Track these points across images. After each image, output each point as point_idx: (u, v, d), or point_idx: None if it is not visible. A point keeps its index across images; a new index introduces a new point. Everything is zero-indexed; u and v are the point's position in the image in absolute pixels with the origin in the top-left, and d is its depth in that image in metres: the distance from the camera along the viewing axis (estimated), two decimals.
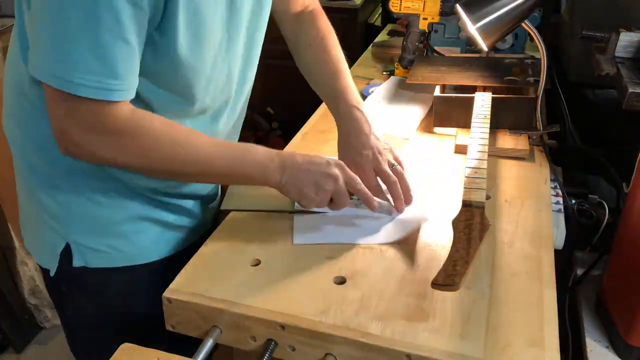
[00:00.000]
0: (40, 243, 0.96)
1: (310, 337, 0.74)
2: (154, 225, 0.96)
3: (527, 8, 1.07)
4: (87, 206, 0.90)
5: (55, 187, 0.90)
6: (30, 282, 1.94)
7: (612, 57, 1.07)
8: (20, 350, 1.96)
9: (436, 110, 1.26)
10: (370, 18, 2.78)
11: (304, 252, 0.88)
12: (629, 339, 0.96)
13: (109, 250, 0.92)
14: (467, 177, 0.97)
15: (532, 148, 1.20)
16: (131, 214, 0.93)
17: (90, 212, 0.90)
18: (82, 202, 0.90)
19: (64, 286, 0.96)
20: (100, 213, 0.91)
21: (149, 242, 0.96)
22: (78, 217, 0.91)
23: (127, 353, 0.71)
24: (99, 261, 0.92)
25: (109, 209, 0.91)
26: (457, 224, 0.89)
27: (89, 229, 0.91)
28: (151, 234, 0.96)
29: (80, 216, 0.91)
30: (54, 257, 0.92)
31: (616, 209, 1.20)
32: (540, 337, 0.73)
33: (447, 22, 1.51)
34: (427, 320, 0.75)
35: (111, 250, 0.93)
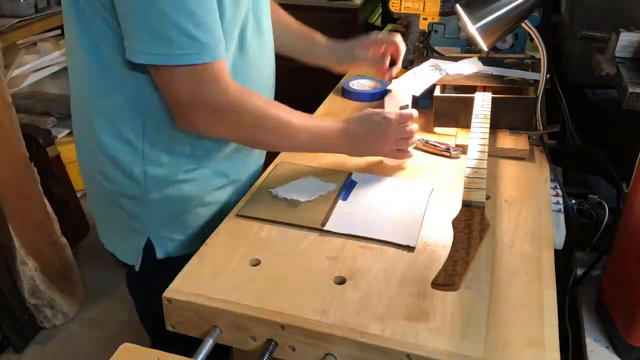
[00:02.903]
0: (123, 242, 1.03)
1: (310, 337, 0.74)
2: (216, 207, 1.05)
3: (527, 8, 1.07)
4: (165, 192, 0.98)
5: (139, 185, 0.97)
6: (30, 282, 1.93)
7: (612, 57, 1.07)
8: (20, 350, 1.96)
9: (436, 110, 1.26)
10: (370, 18, 2.78)
11: (304, 252, 0.89)
12: (629, 339, 0.96)
13: (184, 238, 1.02)
14: (467, 177, 0.97)
15: (532, 148, 1.20)
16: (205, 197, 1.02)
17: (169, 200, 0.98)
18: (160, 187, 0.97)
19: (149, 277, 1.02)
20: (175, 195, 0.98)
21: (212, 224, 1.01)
22: (157, 209, 0.98)
23: (127, 353, 0.71)
24: (179, 249, 1.02)
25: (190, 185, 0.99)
26: (457, 224, 0.88)
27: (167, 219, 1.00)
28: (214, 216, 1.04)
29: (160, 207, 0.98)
30: (138, 253, 1.01)
31: (616, 209, 1.20)
32: (540, 337, 0.73)
33: (447, 22, 1.50)
34: (427, 320, 0.75)
35: (186, 238, 1.02)
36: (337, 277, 0.83)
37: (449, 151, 1.18)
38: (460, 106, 1.24)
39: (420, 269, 0.85)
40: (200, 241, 0.95)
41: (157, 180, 0.97)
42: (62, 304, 2.04)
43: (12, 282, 1.91)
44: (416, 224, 0.95)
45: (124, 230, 1.02)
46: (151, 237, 1.01)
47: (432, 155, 1.19)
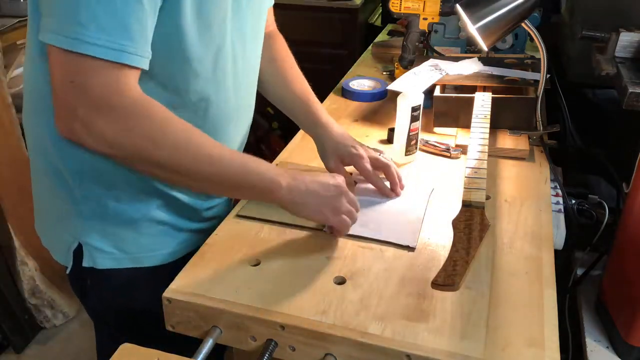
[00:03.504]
0: (56, 241, 0.98)
1: (310, 337, 0.74)
2: (164, 228, 0.96)
3: (527, 8, 1.07)
4: (104, 203, 0.90)
5: (72, 185, 0.89)
6: (30, 282, 1.93)
7: (612, 57, 1.07)
8: (20, 350, 1.96)
9: (436, 110, 1.26)
10: (370, 18, 2.78)
11: (304, 252, 0.88)
12: (629, 339, 0.96)
13: (115, 252, 0.93)
14: (467, 177, 0.97)
15: (532, 148, 1.20)
16: (145, 213, 0.93)
17: (104, 210, 0.90)
18: (100, 198, 0.90)
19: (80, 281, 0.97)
20: (114, 210, 0.90)
21: (156, 244, 0.96)
22: (92, 216, 0.91)
23: (127, 353, 0.71)
24: (105, 262, 0.93)
25: (125, 206, 0.91)
26: (457, 224, 0.89)
27: (100, 228, 0.91)
28: (160, 237, 0.96)
29: (94, 215, 0.91)
30: (69, 255, 0.94)
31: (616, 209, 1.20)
32: (540, 337, 0.73)
33: (447, 22, 1.51)
34: (427, 320, 0.75)
35: (117, 252, 0.93)
36: (337, 277, 0.83)
37: (449, 151, 1.18)
38: (460, 106, 1.24)
39: (420, 269, 0.85)
40: (136, 260, 0.94)
41: (93, 183, 0.88)
42: (62, 304, 2.04)
43: (12, 282, 1.91)
44: (416, 224, 0.95)
45: (57, 228, 0.95)
46: (82, 242, 0.92)
47: (432, 155, 1.19)
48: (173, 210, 0.95)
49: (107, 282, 0.95)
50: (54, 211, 0.94)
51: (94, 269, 0.93)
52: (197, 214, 0.99)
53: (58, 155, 0.87)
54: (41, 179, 0.94)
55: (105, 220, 0.91)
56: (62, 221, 0.93)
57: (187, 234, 0.99)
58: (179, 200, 0.95)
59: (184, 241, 0.98)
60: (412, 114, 1.11)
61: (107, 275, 0.93)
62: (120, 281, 0.95)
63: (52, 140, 0.86)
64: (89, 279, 0.95)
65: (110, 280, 0.95)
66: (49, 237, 0.99)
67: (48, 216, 0.97)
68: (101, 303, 0.99)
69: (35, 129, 0.90)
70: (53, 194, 0.92)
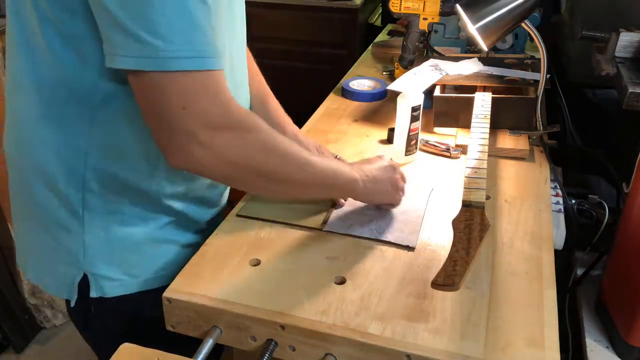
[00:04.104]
0: (53, 276, 0.92)
1: (310, 337, 0.74)
2: (169, 246, 0.93)
3: (527, 8, 1.07)
4: (109, 228, 0.86)
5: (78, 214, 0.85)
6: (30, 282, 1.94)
7: (612, 57, 1.07)
8: (20, 350, 1.96)
9: (436, 110, 1.26)
10: (370, 18, 2.78)
11: (304, 252, 0.89)
12: (629, 339, 0.96)
13: (124, 277, 0.89)
14: (467, 177, 0.97)
15: (532, 148, 1.20)
16: (150, 233, 0.89)
17: (109, 235, 0.87)
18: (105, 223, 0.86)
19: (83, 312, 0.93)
20: (119, 234, 0.87)
21: (163, 263, 0.93)
22: (97, 244, 0.87)
23: (127, 353, 0.71)
24: (115, 290, 0.89)
25: (130, 228, 0.87)
26: (457, 224, 0.89)
27: (106, 255, 0.87)
28: (166, 256, 0.93)
29: (99, 242, 0.87)
30: (73, 288, 0.89)
31: (616, 209, 1.20)
32: (540, 337, 0.73)
33: (447, 22, 1.51)
34: (427, 320, 0.75)
35: (126, 277, 0.90)
36: (337, 277, 0.83)
37: (449, 151, 1.18)
38: (460, 106, 1.24)
39: (420, 269, 0.85)
40: (144, 283, 0.90)
41: (96, 211, 0.85)
42: (62, 304, 2.04)
43: (12, 282, 1.91)
44: (416, 224, 0.95)
45: (54, 262, 0.89)
46: (87, 272, 0.88)
47: (432, 155, 1.19)
48: (177, 225, 0.93)
49: (115, 308, 0.91)
50: (50, 245, 0.88)
51: (102, 298, 0.89)
52: (199, 225, 0.97)
53: (64, 185, 0.83)
54: (35, 211, 0.88)
55: (111, 246, 0.87)
56: (62, 254, 0.88)
57: (188, 249, 0.95)
58: (183, 213, 0.93)
59: (187, 256, 0.94)
60: (412, 114, 1.11)
61: (115, 302, 0.90)
62: (128, 306, 0.91)
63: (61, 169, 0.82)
64: (94, 307, 0.91)
65: (118, 307, 0.91)
66: (42, 274, 0.94)
67: (41, 252, 0.92)
68: (108, 330, 0.95)
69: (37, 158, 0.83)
70: (51, 226, 0.87)
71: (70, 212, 0.85)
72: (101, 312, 0.91)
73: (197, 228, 0.98)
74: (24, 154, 0.86)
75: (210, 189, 0.96)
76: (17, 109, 0.85)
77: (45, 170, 0.83)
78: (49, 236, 0.88)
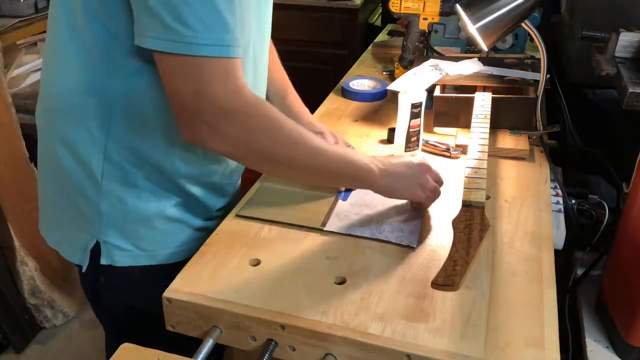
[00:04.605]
0: (69, 241, 0.97)
1: (310, 337, 0.74)
2: (178, 225, 0.96)
3: (527, 8, 1.07)
4: (124, 200, 0.91)
5: (97, 183, 0.89)
6: (30, 282, 1.94)
7: (612, 57, 1.07)
8: (20, 350, 1.96)
9: (436, 110, 1.26)
10: (370, 18, 2.78)
11: (304, 252, 0.88)
12: (629, 339, 0.96)
13: (133, 249, 0.94)
14: (467, 177, 0.97)
15: (532, 148, 1.20)
16: (162, 210, 0.93)
17: (124, 206, 0.91)
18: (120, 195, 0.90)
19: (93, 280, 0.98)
20: (133, 207, 0.91)
21: (170, 241, 0.96)
22: (111, 214, 0.91)
23: (127, 353, 0.71)
24: (124, 259, 0.94)
25: (144, 202, 0.91)
26: (457, 224, 0.89)
27: (119, 226, 0.92)
28: (174, 234, 0.96)
29: (114, 212, 0.91)
30: (86, 254, 0.94)
31: (616, 209, 1.20)
32: (540, 337, 0.73)
33: (447, 22, 1.51)
34: (427, 320, 0.75)
35: (135, 249, 0.94)
36: (337, 277, 0.83)
37: (449, 151, 1.18)
38: (460, 106, 1.24)
39: (420, 269, 0.85)
40: (152, 257, 0.94)
41: (114, 181, 0.90)
42: (62, 304, 2.04)
43: (12, 282, 1.91)
44: (416, 224, 0.95)
45: (71, 228, 0.95)
46: (100, 240, 0.93)
47: (432, 155, 1.19)
48: (187, 207, 0.96)
49: (122, 279, 0.95)
50: (69, 211, 0.94)
51: (111, 266, 0.93)
52: (209, 212, 1.01)
53: (87, 153, 0.88)
54: (58, 177, 0.93)
55: (124, 217, 0.92)
56: (79, 220, 0.93)
57: (198, 232, 0.99)
58: (195, 197, 0.96)
59: (195, 239, 0.98)
60: (412, 111, 1.11)
61: (122, 273, 0.94)
62: (134, 278, 0.95)
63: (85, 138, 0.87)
64: (103, 276, 0.95)
65: (124, 278, 0.95)
66: (60, 238, 0.99)
67: (60, 217, 0.97)
68: (114, 301, 1.00)
69: (62, 127, 0.89)
70: (71, 192, 0.92)
71: (90, 180, 0.89)
72: (109, 281, 0.96)
73: (207, 214, 1.01)
74: (52, 122, 0.91)
75: (223, 177, 0.99)
76: (53, 80, 0.90)
77: (70, 139, 0.88)
78: (69, 202, 0.93)
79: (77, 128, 0.87)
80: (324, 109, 1.42)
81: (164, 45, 0.74)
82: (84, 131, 0.87)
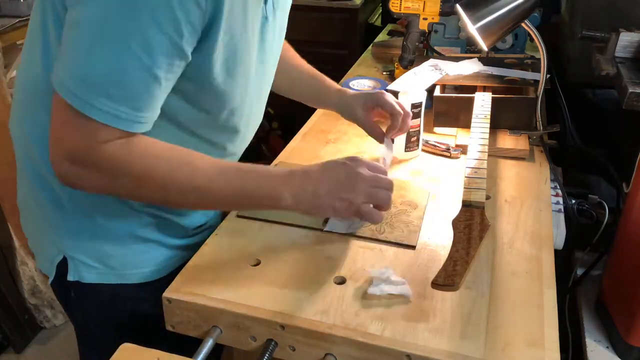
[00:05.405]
0: (40, 249, 0.96)
1: (310, 337, 0.74)
2: (151, 245, 0.94)
3: (527, 8, 1.07)
4: (93, 219, 0.88)
5: (62, 199, 0.87)
6: (30, 282, 1.94)
7: (612, 57, 1.07)
8: (20, 350, 1.96)
9: (436, 110, 1.26)
10: (370, 18, 2.78)
11: (304, 252, 0.88)
12: (629, 339, 0.96)
13: (100, 267, 0.91)
14: (467, 177, 0.97)
15: (532, 148, 1.20)
16: (133, 231, 0.91)
17: (93, 224, 0.89)
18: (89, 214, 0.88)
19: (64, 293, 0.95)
20: (101, 226, 0.89)
21: (142, 261, 0.93)
22: (80, 231, 0.89)
23: (127, 353, 0.71)
24: (91, 276, 0.91)
25: (112, 222, 0.89)
26: (457, 224, 0.88)
27: (87, 244, 0.90)
28: (146, 254, 0.94)
29: (82, 230, 0.89)
30: (52, 267, 0.92)
31: (616, 209, 1.20)
32: (540, 337, 0.73)
33: (447, 22, 1.51)
34: (427, 320, 0.75)
35: (102, 267, 0.91)
36: (337, 277, 0.83)
37: (449, 151, 1.18)
38: (460, 106, 1.24)
39: (420, 269, 0.85)
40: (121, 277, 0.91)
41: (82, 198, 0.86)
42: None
43: (12, 282, 1.91)
44: (416, 223, 0.95)
45: (41, 239, 0.94)
46: (67, 256, 0.90)
47: (432, 155, 1.19)
48: (161, 229, 0.94)
49: (92, 295, 0.93)
50: (40, 220, 0.92)
51: (79, 282, 0.91)
52: (186, 231, 0.98)
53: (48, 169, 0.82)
54: (29, 185, 0.92)
55: (92, 235, 0.89)
56: (48, 232, 0.91)
57: (175, 251, 0.97)
58: (167, 218, 0.93)
59: (171, 257, 0.96)
60: (412, 111, 1.11)
61: (91, 289, 0.92)
62: (105, 295, 0.93)
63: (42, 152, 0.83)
64: (73, 291, 0.93)
65: (94, 294, 0.93)
66: (34, 242, 0.98)
67: (34, 222, 0.95)
68: (85, 315, 0.98)
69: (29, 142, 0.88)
70: (41, 203, 0.90)
71: (57, 197, 0.87)
72: (80, 296, 0.94)
73: (184, 233, 0.97)
74: (21, 134, 0.90)
75: None
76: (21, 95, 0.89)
77: (36, 154, 0.86)
78: (39, 214, 0.92)
79: (42, 143, 0.81)
80: None
81: (63, 91, 0.70)
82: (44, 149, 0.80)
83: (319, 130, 1.30)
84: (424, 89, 1.17)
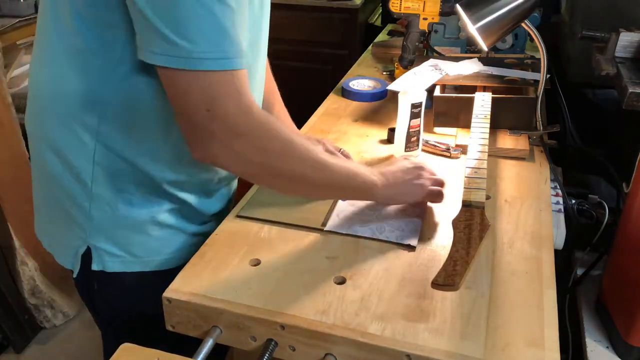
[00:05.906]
0: (62, 245, 0.96)
1: (310, 337, 0.74)
2: (171, 231, 0.95)
3: (527, 8, 1.07)
4: (115, 206, 0.89)
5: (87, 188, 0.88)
6: (30, 282, 1.94)
7: (612, 57, 1.07)
8: (20, 350, 1.96)
9: (436, 110, 1.26)
10: (370, 18, 2.78)
11: (304, 252, 0.89)
12: (629, 339, 0.96)
13: (125, 255, 0.92)
14: (467, 177, 0.97)
15: (532, 148, 1.20)
16: (153, 216, 0.92)
17: (115, 212, 0.90)
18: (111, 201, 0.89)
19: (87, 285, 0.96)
20: (126, 212, 0.90)
21: (163, 247, 0.95)
22: (102, 219, 0.90)
23: (127, 353, 0.71)
24: (115, 265, 0.92)
25: (135, 209, 0.90)
26: (457, 224, 0.88)
27: (110, 232, 0.91)
28: (167, 240, 0.95)
29: (105, 218, 0.90)
30: (77, 259, 0.92)
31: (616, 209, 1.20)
32: (540, 337, 0.73)
33: (447, 22, 1.51)
34: (427, 320, 0.75)
35: (126, 255, 0.92)
36: (337, 277, 0.83)
37: (449, 151, 1.18)
38: (460, 106, 1.24)
39: (420, 269, 0.85)
40: (144, 264, 0.93)
41: (104, 187, 0.88)
42: (62, 304, 2.04)
43: (12, 282, 1.91)
44: (416, 223, 0.95)
45: (63, 232, 0.94)
46: (91, 246, 0.91)
47: (432, 155, 1.19)
48: (180, 213, 0.95)
49: (115, 285, 0.94)
50: (61, 215, 0.93)
51: (103, 272, 0.92)
52: (203, 217, 0.99)
53: (76, 158, 0.86)
54: (48, 182, 0.92)
55: (115, 223, 0.90)
56: (70, 225, 0.92)
57: (194, 237, 0.98)
58: (187, 203, 0.95)
59: (193, 244, 0.97)
60: (412, 111, 1.11)
61: (114, 279, 0.93)
62: (127, 284, 0.94)
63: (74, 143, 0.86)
64: (96, 282, 0.94)
65: (117, 284, 0.94)
66: (53, 241, 0.98)
67: (53, 220, 0.96)
68: (107, 306, 0.99)
69: (51, 131, 0.88)
70: (62, 197, 0.90)
71: (80, 185, 0.88)
72: (102, 287, 0.95)
73: (202, 219, 0.99)
74: (40, 126, 0.90)
75: (213, 183, 0.98)
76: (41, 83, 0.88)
77: (59, 143, 0.87)
78: (59, 206, 0.91)
79: (65, 132, 0.85)
80: (323, 109, 1.42)
81: (167, 60, 0.72)
82: (72, 135, 0.85)
83: (318, 130, 1.30)
84: (424, 89, 1.17)
